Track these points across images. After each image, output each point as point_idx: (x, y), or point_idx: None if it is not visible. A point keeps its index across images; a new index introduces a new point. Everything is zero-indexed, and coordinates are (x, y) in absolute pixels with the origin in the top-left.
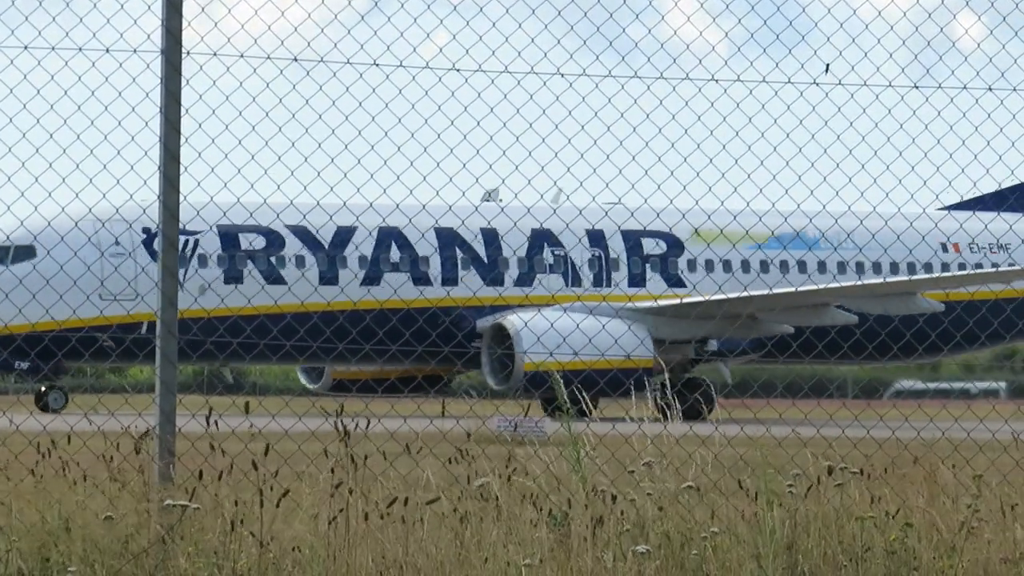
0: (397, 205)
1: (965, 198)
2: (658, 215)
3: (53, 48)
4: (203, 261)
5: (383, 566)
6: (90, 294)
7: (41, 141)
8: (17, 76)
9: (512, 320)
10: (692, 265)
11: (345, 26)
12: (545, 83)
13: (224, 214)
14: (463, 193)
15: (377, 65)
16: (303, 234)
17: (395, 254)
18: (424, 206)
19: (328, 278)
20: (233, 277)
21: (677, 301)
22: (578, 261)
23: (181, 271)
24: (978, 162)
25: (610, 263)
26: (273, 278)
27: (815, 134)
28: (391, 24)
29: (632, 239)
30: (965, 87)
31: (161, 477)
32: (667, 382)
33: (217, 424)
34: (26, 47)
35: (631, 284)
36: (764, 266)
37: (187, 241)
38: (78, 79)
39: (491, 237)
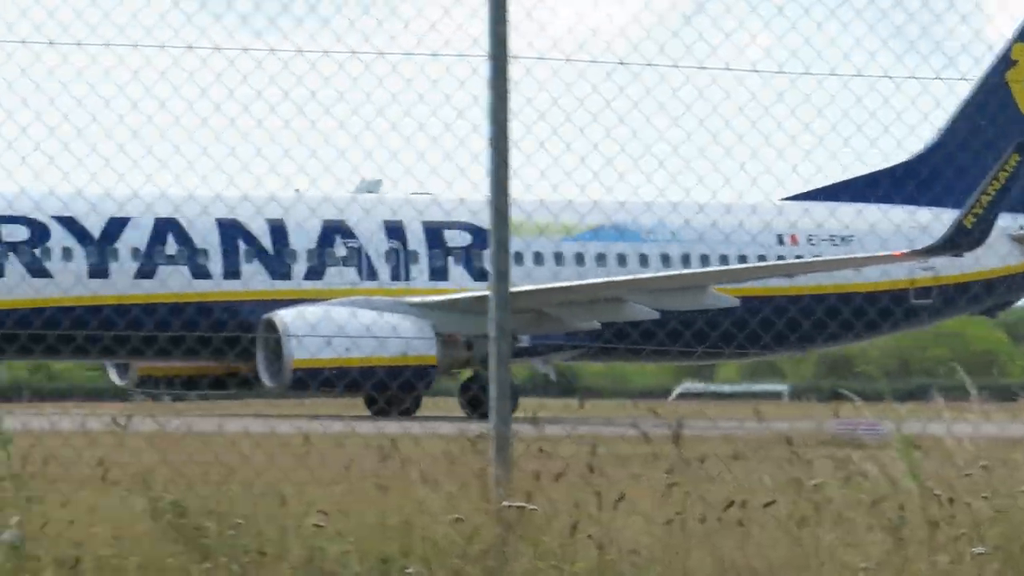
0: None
1: (809, 188)
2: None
3: None
4: None
5: (720, 569)
6: None
7: None
8: None
9: (281, 315)
10: None
11: None
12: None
13: None
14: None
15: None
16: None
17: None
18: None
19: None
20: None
21: (457, 296)
22: (373, 254)
23: None
24: (825, 148)
25: (409, 255)
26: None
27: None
28: None
29: (434, 231)
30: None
31: (498, 479)
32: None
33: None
34: None
35: (432, 277)
36: (580, 259)
37: None
38: None
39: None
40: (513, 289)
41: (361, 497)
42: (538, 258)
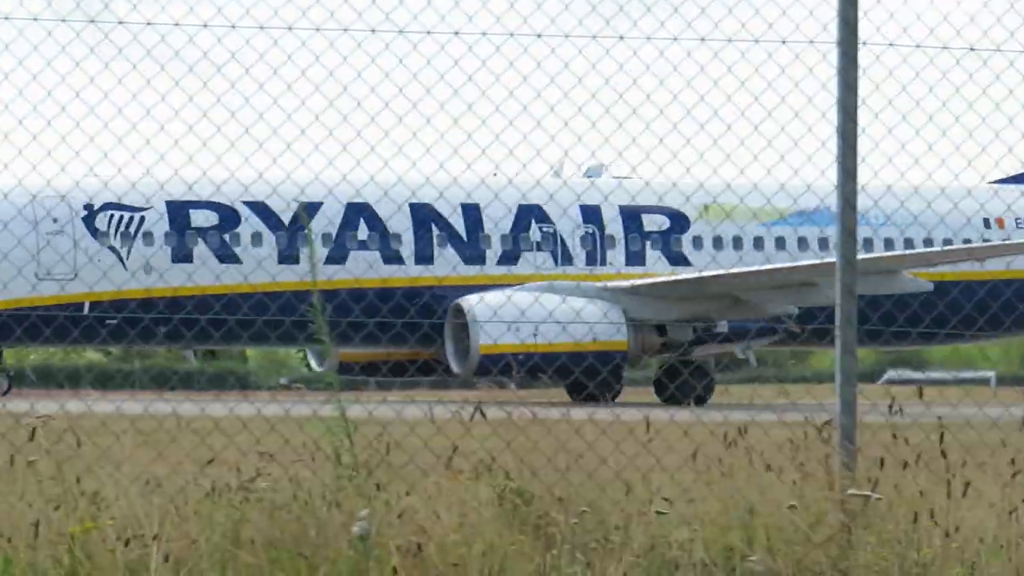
0: None
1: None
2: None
3: None
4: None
5: None
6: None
7: None
8: None
9: (469, 300)
10: (698, 242)
11: None
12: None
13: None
14: None
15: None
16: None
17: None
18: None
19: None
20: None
21: (655, 280)
22: (569, 238)
23: (124, 249)
24: None
25: (605, 240)
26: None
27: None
28: None
29: (632, 215)
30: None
31: (843, 466)
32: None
33: (901, 412)
34: None
35: (629, 262)
36: (781, 243)
37: (131, 218)
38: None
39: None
40: (704, 274)
41: (706, 484)
42: (737, 242)
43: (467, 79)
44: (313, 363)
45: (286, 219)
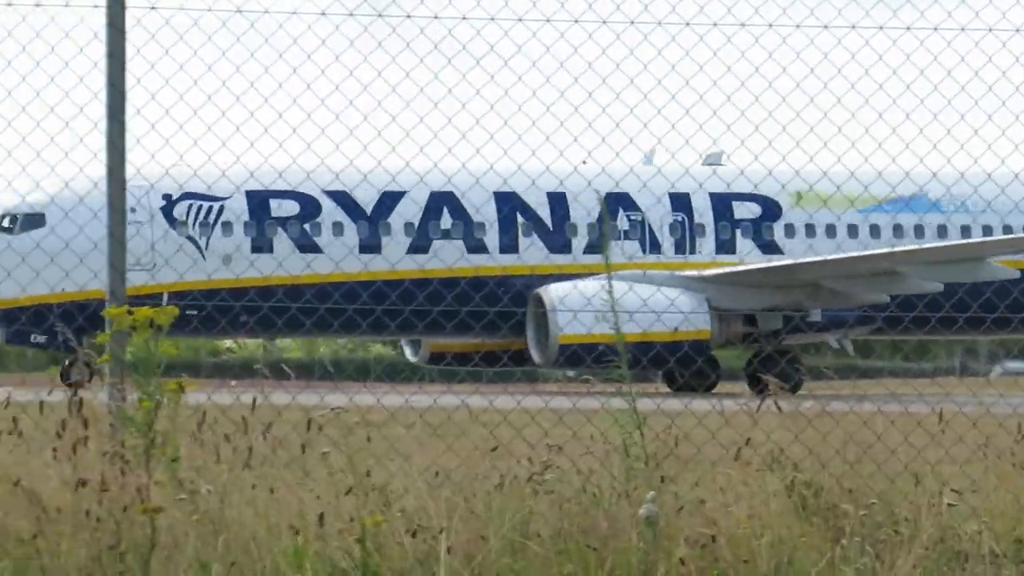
0: None
1: None
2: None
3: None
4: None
5: None
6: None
7: (55, 101)
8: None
9: (549, 289)
10: (790, 230)
11: None
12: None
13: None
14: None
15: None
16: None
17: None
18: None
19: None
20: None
21: (739, 268)
22: (657, 226)
23: (204, 239)
24: None
25: (695, 228)
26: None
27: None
28: None
29: (722, 203)
30: None
31: None
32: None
33: None
34: None
35: (719, 251)
36: (875, 231)
37: (211, 207)
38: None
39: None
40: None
41: (997, 476)
42: (830, 230)
43: (560, 66)
44: (408, 353)
45: (368, 208)
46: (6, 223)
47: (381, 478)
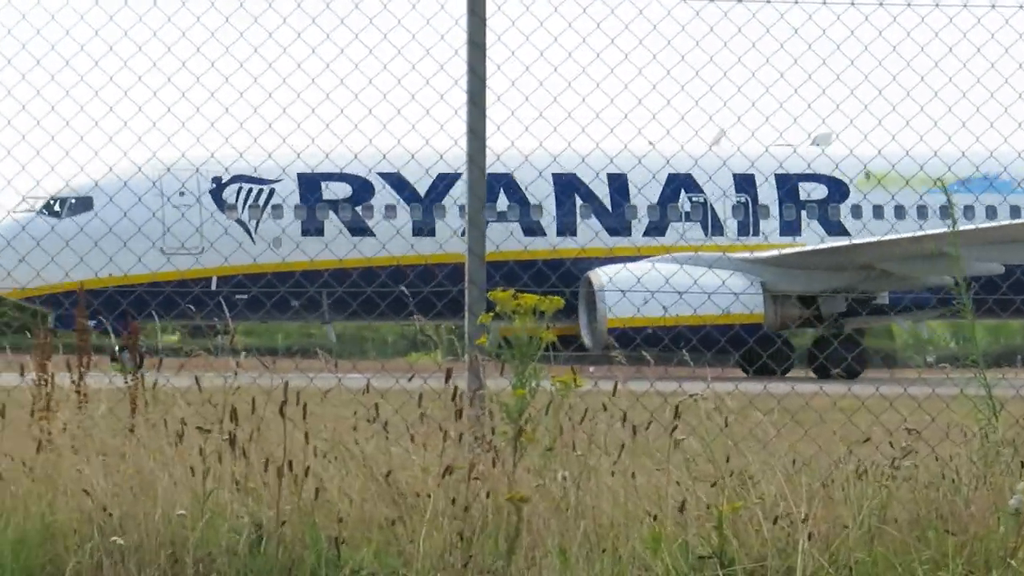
0: None
1: None
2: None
3: None
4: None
5: None
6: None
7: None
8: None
9: (598, 272)
10: (857, 211)
11: None
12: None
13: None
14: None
15: None
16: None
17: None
18: None
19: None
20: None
21: (793, 250)
22: (720, 208)
23: (253, 222)
24: None
25: (759, 210)
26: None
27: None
28: None
29: (788, 184)
30: None
31: None
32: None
33: None
34: None
35: (784, 232)
36: (945, 212)
37: (261, 190)
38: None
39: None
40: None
41: None
42: (899, 211)
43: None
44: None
45: (422, 190)
46: (55, 207)
47: (739, 464)
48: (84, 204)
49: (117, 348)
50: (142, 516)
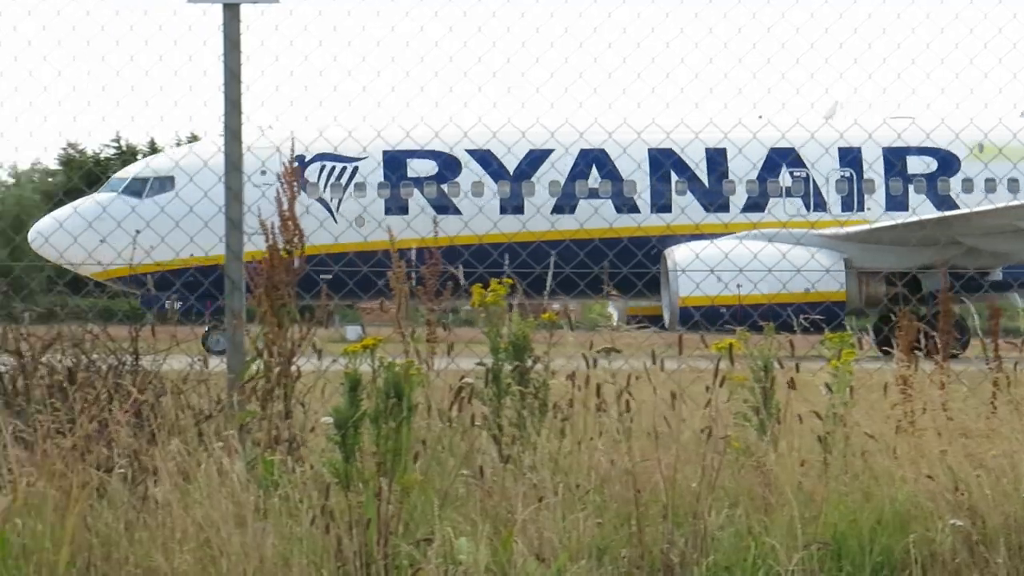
0: None
1: None
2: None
3: None
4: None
5: None
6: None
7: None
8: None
9: (675, 250)
10: (967, 185)
11: None
12: None
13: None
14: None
15: None
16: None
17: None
18: None
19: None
20: None
21: (869, 227)
22: (823, 183)
23: (335, 200)
24: None
25: (864, 184)
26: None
27: None
28: None
29: (895, 157)
30: None
31: None
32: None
33: None
34: None
35: (889, 208)
36: None
37: (344, 168)
38: None
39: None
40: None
41: None
42: (1012, 185)
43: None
44: (615, 317)
45: (510, 166)
46: (136, 187)
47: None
48: (166, 184)
49: (207, 329)
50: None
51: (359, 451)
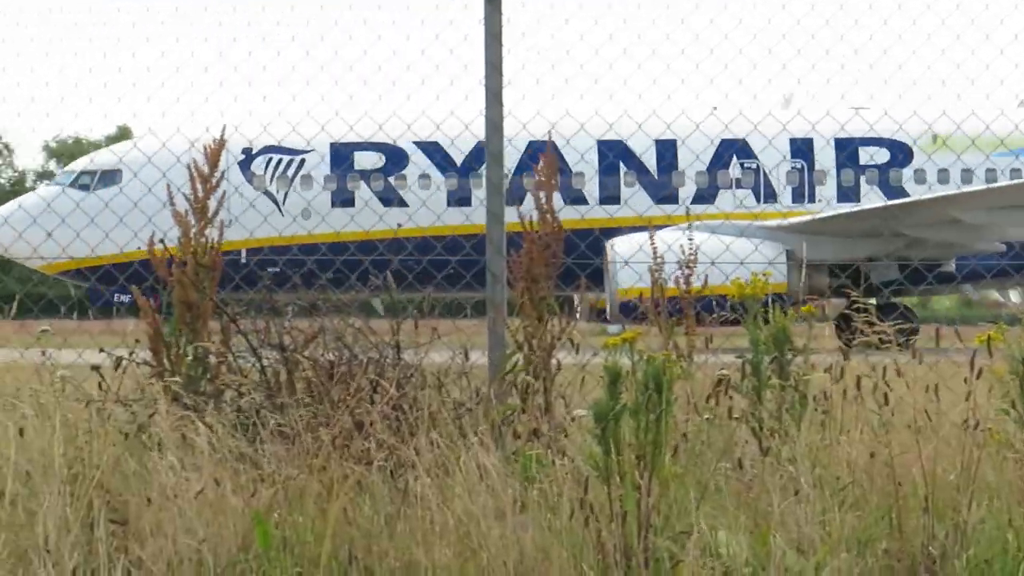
0: None
1: None
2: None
3: None
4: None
5: None
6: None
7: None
8: None
9: (614, 242)
10: (920, 176)
11: None
12: None
13: None
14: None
15: None
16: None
17: None
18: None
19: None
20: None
21: (811, 217)
22: (773, 174)
23: (282, 193)
24: None
25: (814, 176)
26: None
27: None
28: None
29: (847, 148)
30: None
31: None
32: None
33: None
34: None
35: (841, 199)
36: (1017, 175)
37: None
38: None
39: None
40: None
41: None
42: (966, 176)
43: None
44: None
45: (458, 159)
46: (84, 180)
47: None
48: (111, 178)
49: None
50: None
51: (618, 444)
